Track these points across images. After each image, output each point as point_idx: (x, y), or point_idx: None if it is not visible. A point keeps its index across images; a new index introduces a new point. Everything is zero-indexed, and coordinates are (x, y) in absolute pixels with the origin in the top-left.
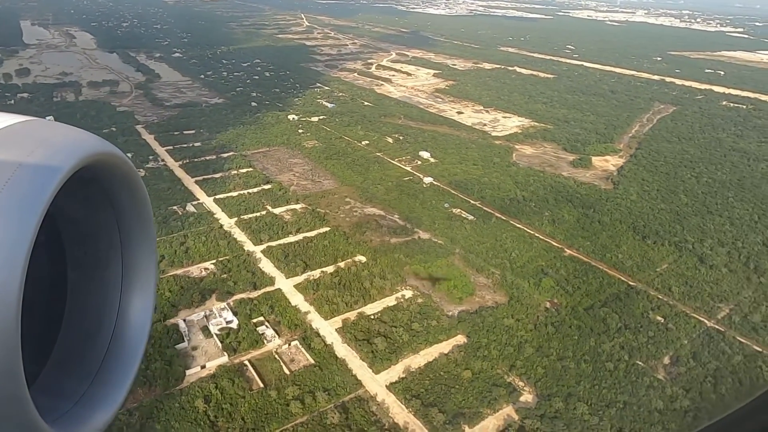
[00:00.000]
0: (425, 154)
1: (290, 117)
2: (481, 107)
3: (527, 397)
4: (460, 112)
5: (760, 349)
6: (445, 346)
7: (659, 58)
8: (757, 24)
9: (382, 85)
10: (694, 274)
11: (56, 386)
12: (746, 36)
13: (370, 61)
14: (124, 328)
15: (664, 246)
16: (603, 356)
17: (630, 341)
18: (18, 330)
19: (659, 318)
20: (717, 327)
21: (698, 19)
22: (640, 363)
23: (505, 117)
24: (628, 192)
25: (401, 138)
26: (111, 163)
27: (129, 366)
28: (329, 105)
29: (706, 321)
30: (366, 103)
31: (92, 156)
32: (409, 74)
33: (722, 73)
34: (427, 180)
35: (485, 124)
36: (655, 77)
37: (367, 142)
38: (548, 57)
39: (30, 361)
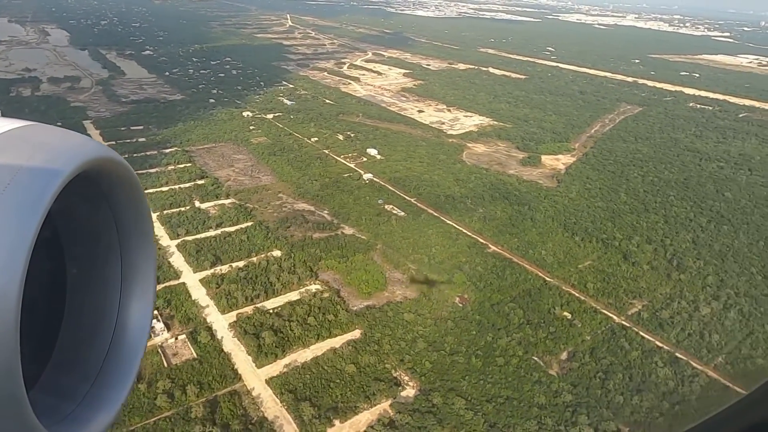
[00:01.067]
0: (373, 152)
1: (245, 114)
2: (444, 106)
3: (409, 392)
4: (421, 111)
5: (660, 345)
6: (338, 341)
7: (637, 61)
8: (745, 29)
9: (349, 83)
10: (615, 270)
11: (58, 387)
12: (731, 40)
13: (343, 60)
14: (124, 329)
15: (591, 243)
16: (497, 351)
17: (528, 337)
18: (17, 333)
19: (566, 314)
20: (624, 323)
21: (687, 24)
22: (535, 358)
23: (466, 116)
24: (569, 190)
25: (352, 135)
26: (110, 167)
27: (130, 366)
28: (288, 102)
29: (615, 317)
30: (327, 101)
31: (91, 161)
32: (379, 73)
33: (697, 75)
34: (367, 176)
35: (443, 123)
36: (629, 79)
37: (316, 139)
38: (526, 58)
39: (31, 362)
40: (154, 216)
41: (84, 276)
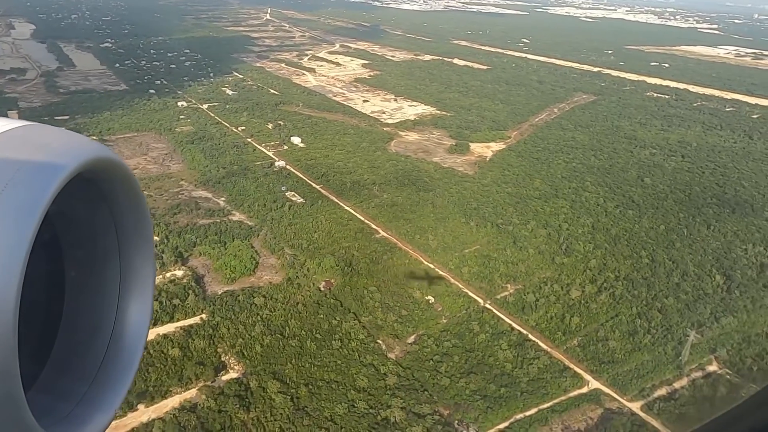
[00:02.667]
0: (296, 140)
1: (180, 103)
2: (392, 96)
3: (231, 375)
4: (366, 101)
5: (516, 328)
6: (174, 326)
7: (610, 52)
8: (735, 21)
9: (303, 74)
10: (498, 255)
11: (56, 387)
12: (717, 32)
13: (307, 52)
14: (122, 330)
15: (485, 228)
16: (337, 335)
17: (377, 320)
18: (15, 334)
19: (429, 297)
20: (488, 306)
21: (677, 17)
22: (379, 342)
23: (410, 105)
24: (484, 176)
25: (282, 124)
26: (109, 168)
27: (128, 367)
28: (231, 92)
29: (481, 301)
30: (272, 92)
31: (90, 161)
32: (338, 65)
33: (667, 65)
34: (279, 164)
35: (384, 112)
36: (594, 69)
37: (243, 128)
38: (496, 50)
39: (29, 362)
40: None
41: (82, 277)
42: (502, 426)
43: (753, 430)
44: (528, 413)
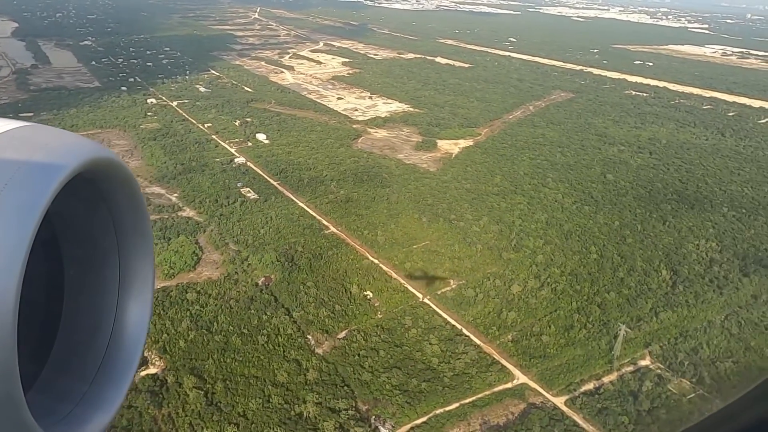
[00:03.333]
0: (261, 137)
1: (150, 100)
2: (368, 93)
3: (151, 371)
4: (340, 98)
5: (451, 323)
6: None
7: (596, 51)
8: (728, 21)
9: (281, 72)
10: (446, 251)
11: (56, 387)
12: (707, 32)
13: (290, 50)
14: (121, 330)
15: (437, 224)
16: (265, 330)
17: (309, 315)
18: (14, 334)
19: (368, 293)
20: (426, 302)
21: (669, 16)
22: (309, 337)
23: (385, 103)
24: (445, 173)
25: (250, 121)
26: (109, 169)
27: (127, 367)
28: (204, 90)
29: (420, 296)
30: (246, 89)
31: (90, 162)
32: (319, 63)
33: (651, 64)
34: (239, 161)
35: (357, 110)
36: (577, 68)
37: (210, 124)
38: (482, 48)
39: (29, 362)
40: None
41: (82, 277)
42: (419, 421)
43: (750, 427)
44: (448, 408)
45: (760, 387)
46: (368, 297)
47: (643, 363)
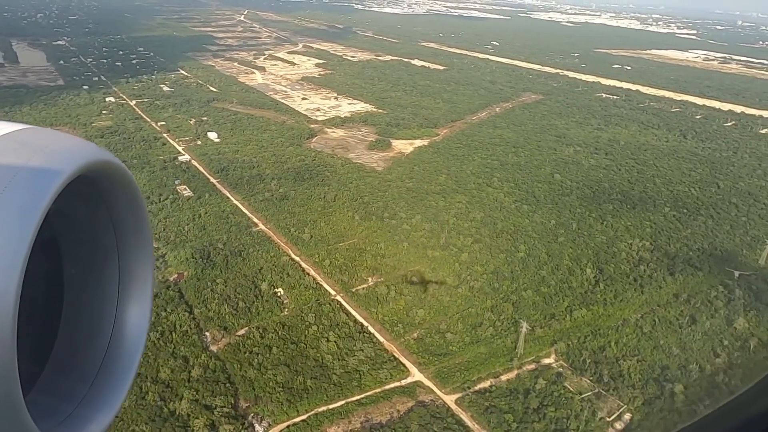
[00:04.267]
0: (213, 135)
1: (108, 99)
2: (335, 94)
3: None
4: (305, 99)
5: (358, 320)
6: None
7: (576, 55)
8: (717, 28)
9: (252, 73)
10: (371, 248)
11: (56, 388)
12: (694, 37)
13: (267, 51)
14: (121, 330)
15: (368, 222)
16: (160, 327)
17: (210, 312)
18: (14, 335)
19: (278, 290)
20: (338, 299)
21: (659, 22)
22: (207, 334)
23: (350, 103)
24: (391, 172)
25: (205, 120)
26: (108, 171)
27: (128, 368)
28: (167, 89)
29: (333, 294)
30: (211, 89)
31: (89, 164)
32: (293, 64)
33: (629, 68)
34: (183, 158)
35: (319, 110)
36: (554, 71)
37: (163, 123)
38: (462, 51)
39: (29, 363)
40: None
41: (81, 277)
42: (298, 419)
43: (747, 423)
44: (332, 406)
45: (758, 386)
46: (278, 294)
47: (546, 361)
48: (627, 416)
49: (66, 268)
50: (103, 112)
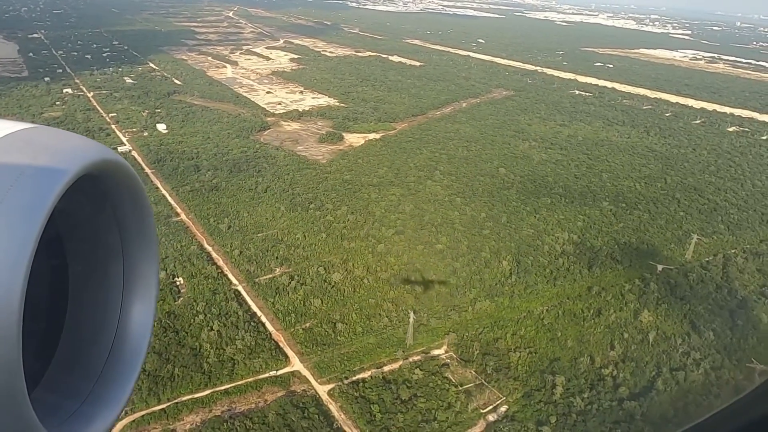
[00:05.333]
0: (161, 127)
1: (66, 90)
2: (302, 88)
3: None
4: (269, 92)
5: (248, 309)
6: None
7: (561, 52)
8: (714, 29)
9: (223, 67)
10: (289, 239)
11: (62, 385)
12: (688, 38)
13: (245, 46)
14: (126, 328)
15: (294, 213)
16: None
17: None
18: (19, 334)
19: (179, 279)
20: (238, 289)
21: (656, 23)
22: None
23: (314, 97)
24: (333, 164)
25: (159, 112)
26: (113, 170)
27: (133, 365)
28: (130, 81)
29: (237, 284)
30: (176, 81)
31: (94, 163)
32: (268, 58)
33: (611, 66)
34: (123, 149)
35: (281, 103)
36: (533, 68)
37: (114, 114)
38: (444, 48)
39: (35, 360)
40: None
41: (86, 276)
42: (157, 408)
43: (750, 425)
44: (197, 395)
45: (759, 389)
46: (177, 283)
47: (436, 352)
48: (503, 408)
49: (71, 267)
50: (57, 103)
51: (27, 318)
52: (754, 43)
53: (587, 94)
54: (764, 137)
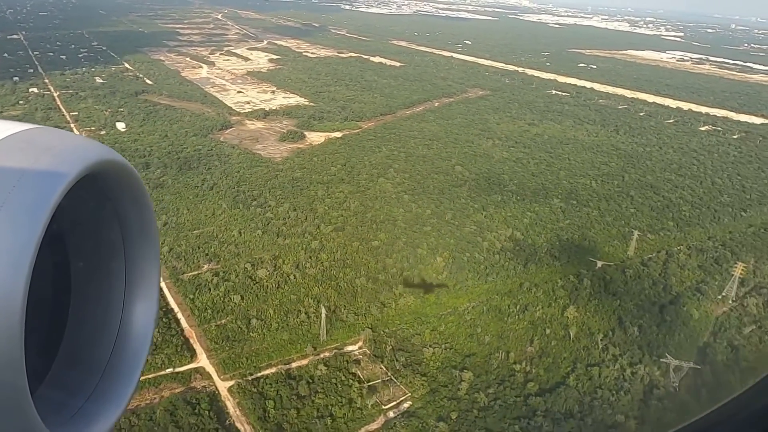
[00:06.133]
0: (120, 125)
1: (32, 90)
2: (274, 88)
3: None
4: (240, 92)
5: (162, 305)
6: None
7: (546, 54)
8: (708, 31)
9: (200, 67)
10: (223, 235)
11: (66, 383)
12: (679, 39)
13: (226, 47)
14: (128, 325)
15: (236, 210)
16: None
17: None
18: (22, 333)
19: None
20: (161, 285)
21: (650, 25)
22: None
23: (285, 97)
24: (287, 162)
25: (121, 111)
26: (114, 170)
27: (136, 362)
28: (100, 81)
29: (162, 283)
30: (147, 81)
31: (96, 164)
32: (247, 59)
33: (594, 67)
34: None
35: (250, 103)
36: (515, 69)
37: (76, 113)
38: (428, 49)
39: (39, 358)
40: None
41: (88, 273)
42: None
43: (748, 424)
44: None
45: (757, 386)
46: None
47: (350, 348)
48: (407, 404)
49: (73, 265)
50: (20, 102)
51: (30, 316)
52: (746, 44)
53: (564, 93)
54: (735, 136)
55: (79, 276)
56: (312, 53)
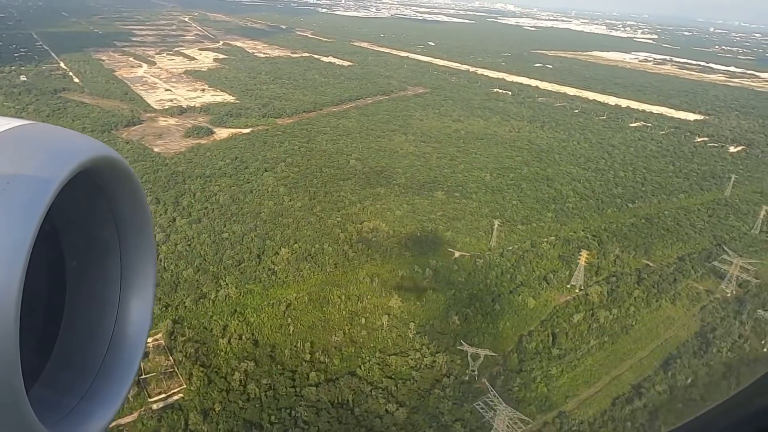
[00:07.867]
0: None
1: None
2: (205, 86)
3: None
4: (168, 90)
5: None
6: None
7: (506, 54)
8: (685, 33)
9: (139, 66)
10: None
11: (60, 382)
12: (651, 42)
13: (177, 48)
14: (124, 324)
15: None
16: None
17: None
18: (17, 332)
19: None
20: None
21: (626, 28)
22: None
23: (213, 95)
24: (176, 158)
25: (28, 107)
26: (109, 166)
27: (131, 361)
28: (24, 79)
29: None
30: (75, 80)
31: (90, 160)
32: (192, 59)
33: (550, 67)
34: None
35: (173, 100)
36: (465, 68)
37: None
38: (386, 50)
39: (33, 358)
40: None
41: (83, 271)
42: None
43: (743, 423)
44: None
45: (753, 386)
46: None
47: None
48: (177, 396)
49: (68, 262)
50: None
51: (25, 315)
52: (717, 46)
53: (506, 92)
54: (663, 132)
55: (73, 274)
56: (265, 53)
